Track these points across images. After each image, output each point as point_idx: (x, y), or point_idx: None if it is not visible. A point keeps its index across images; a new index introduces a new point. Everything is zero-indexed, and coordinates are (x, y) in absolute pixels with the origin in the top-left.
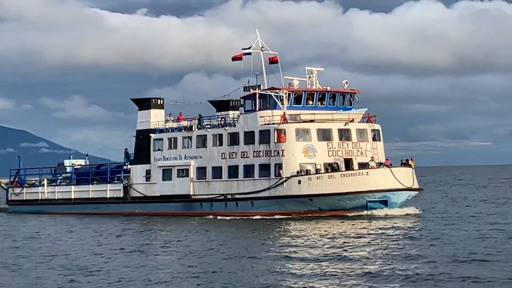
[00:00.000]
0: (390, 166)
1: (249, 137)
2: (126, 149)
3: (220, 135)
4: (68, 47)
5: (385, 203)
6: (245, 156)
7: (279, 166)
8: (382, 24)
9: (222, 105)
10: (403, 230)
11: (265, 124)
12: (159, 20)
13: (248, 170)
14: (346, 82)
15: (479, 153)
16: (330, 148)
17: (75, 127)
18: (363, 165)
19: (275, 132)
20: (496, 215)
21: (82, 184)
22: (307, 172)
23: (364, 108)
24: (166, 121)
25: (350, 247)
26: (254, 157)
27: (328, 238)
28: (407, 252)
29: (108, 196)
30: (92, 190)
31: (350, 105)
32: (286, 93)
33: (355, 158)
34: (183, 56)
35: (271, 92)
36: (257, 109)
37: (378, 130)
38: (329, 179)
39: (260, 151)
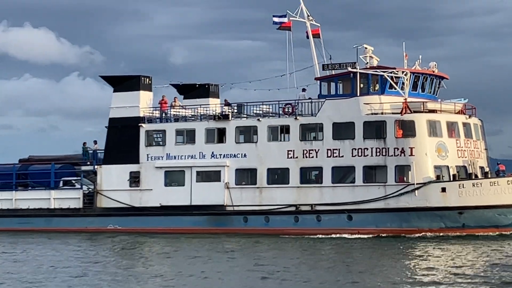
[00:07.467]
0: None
1: (344, 130)
2: (84, 143)
3: (284, 127)
4: None
5: None
6: (335, 155)
7: (402, 169)
8: None
9: (194, 91)
10: None
11: (373, 114)
12: None
13: (340, 174)
14: (435, 64)
15: None
16: (459, 147)
17: None
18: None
19: (397, 125)
20: None
21: None
22: (454, 178)
23: (464, 98)
24: (171, 106)
25: None
26: (353, 156)
27: None
28: None
29: (53, 206)
30: (17, 199)
31: (435, 93)
32: (408, 74)
33: (477, 161)
34: None
35: (384, 72)
36: (358, 94)
37: (483, 126)
38: (492, 187)
39: (366, 148)
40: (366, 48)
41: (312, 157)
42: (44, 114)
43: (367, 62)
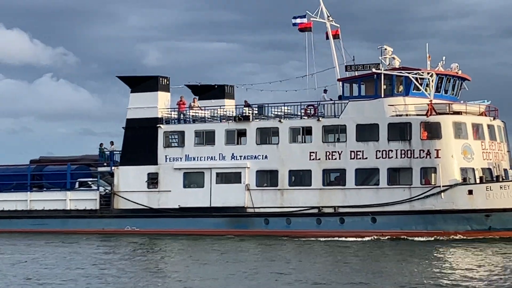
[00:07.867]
0: None
1: (368, 131)
2: (101, 144)
3: (306, 129)
4: None
5: None
6: (358, 157)
7: (427, 171)
8: None
9: (209, 92)
10: None
11: (397, 116)
12: None
13: (363, 176)
14: (457, 65)
15: None
16: (484, 149)
17: None
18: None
19: (422, 126)
20: None
21: (7, 191)
22: (481, 180)
23: (487, 100)
24: (190, 107)
25: None
26: (377, 158)
27: None
28: None
29: (69, 207)
30: (32, 200)
31: (457, 95)
32: (433, 76)
33: (501, 163)
34: None
35: (408, 73)
36: (382, 95)
37: (506, 128)
38: None
39: (391, 150)
40: (386, 49)
41: (335, 159)
42: (16, 116)
43: (389, 63)
